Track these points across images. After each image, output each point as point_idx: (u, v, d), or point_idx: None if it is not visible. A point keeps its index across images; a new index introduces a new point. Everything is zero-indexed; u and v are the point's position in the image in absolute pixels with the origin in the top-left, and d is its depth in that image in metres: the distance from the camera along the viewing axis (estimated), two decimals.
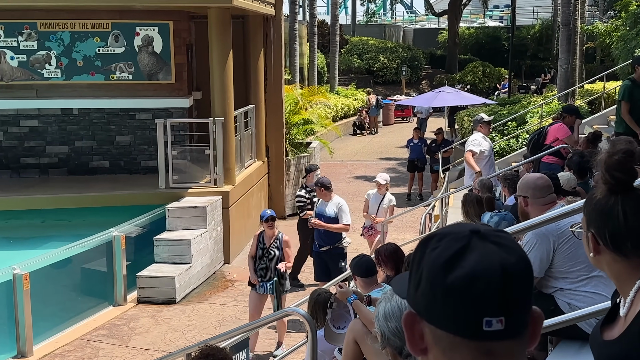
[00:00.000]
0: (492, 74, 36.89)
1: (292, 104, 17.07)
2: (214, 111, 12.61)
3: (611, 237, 1.96)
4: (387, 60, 37.05)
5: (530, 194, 4.45)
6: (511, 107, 20.14)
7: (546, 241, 4.15)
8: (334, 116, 26.83)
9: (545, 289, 4.30)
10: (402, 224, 14.60)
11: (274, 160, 15.83)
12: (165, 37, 13.43)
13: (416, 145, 17.71)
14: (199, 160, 13.17)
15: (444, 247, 1.19)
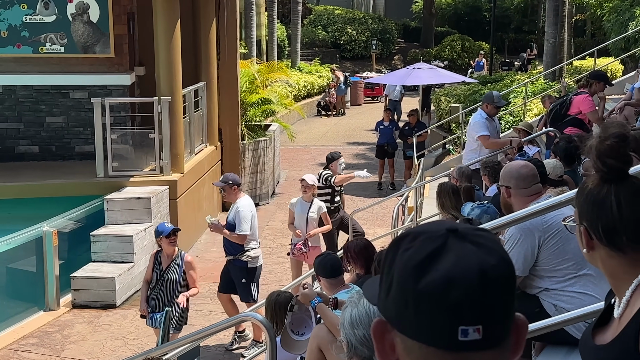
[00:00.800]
0: (472, 48, 37.17)
1: (249, 81, 16.98)
2: (159, 89, 12.47)
3: (605, 230, 1.98)
4: (356, 32, 37.06)
5: (513, 184, 4.49)
6: (493, 86, 20.34)
7: (531, 236, 4.20)
8: (296, 95, 26.79)
9: (530, 289, 4.35)
10: (372, 216, 14.68)
11: (228, 144, 15.75)
12: (103, 4, 13.21)
13: (386, 129, 17.77)
14: (142, 145, 13.03)
15: (417, 248, 1.19)
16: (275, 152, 17.68)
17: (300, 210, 10.08)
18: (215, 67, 15.28)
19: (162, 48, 12.42)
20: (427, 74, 19.71)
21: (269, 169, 16.95)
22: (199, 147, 14.50)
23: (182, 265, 7.99)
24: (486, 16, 39.17)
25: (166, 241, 7.92)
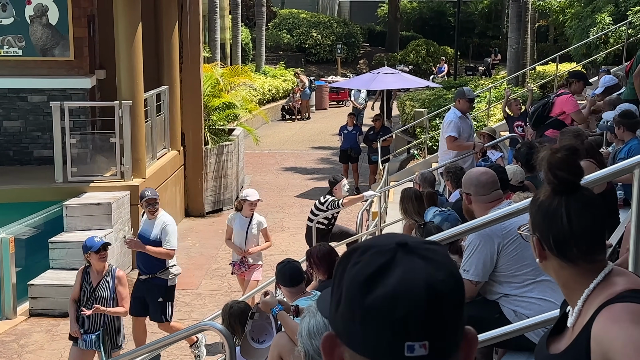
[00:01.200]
0: (436, 53, 37.47)
1: (212, 85, 16.91)
2: (120, 93, 12.36)
3: (555, 242, 2.02)
4: (321, 36, 37.17)
5: (473, 191, 4.54)
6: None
7: (490, 242, 4.25)
8: (261, 99, 26.76)
9: (490, 294, 4.40)
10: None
11: (191, 149, 15.66)
12: (63, 6, 13.05)
13: (350, 133, 17.83)
14: (103, 149, 12.90)
15: (366, 262, 1.18)
16: (239, 157, 17.62)
17: (239, 227, 9.49)
18: (178, 71, 15.18)
19: (123, 51, 12.31)
20: (392, 79, 19.81)
21: (233, 174, 16.90)
22: (161, 151, 14.39)
23: (113, 281, 7.54)
24: (450, 21, 39.57)
25: (95, 257, 7.43)
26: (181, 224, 15.11)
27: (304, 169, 20.38)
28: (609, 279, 2.01)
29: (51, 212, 11.37)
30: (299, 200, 17.12)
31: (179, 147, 15.39)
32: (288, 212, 16.17)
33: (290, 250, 13.44)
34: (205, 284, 11.93)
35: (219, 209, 16.26)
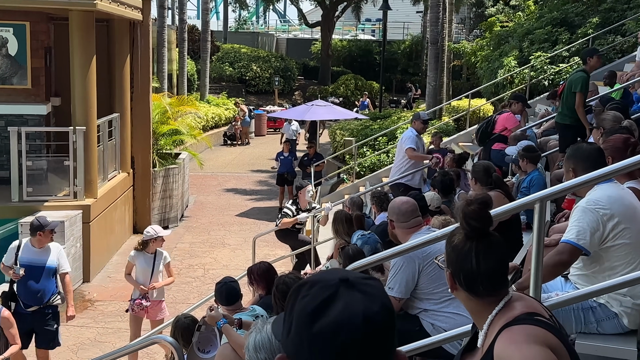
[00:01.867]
0: (364, 87, 37.98)
1: (161, 113, 16.78)
2: (74, 119, 12.17)
3: (465, 279, 2.16)
4: (260, 69, 37.25)
5: (396, 219, 4.66)
6: (382, 122, 20.86)
7: (412, 263, 4.36)
8: (205, 126, 26.61)
9: (411, 309, 4.50)
10: (273, 239, 14.67)
11: (140, 171, 15.48)
12: (22, 38, 12.82)
13: (286, 159, 17.93)
14: (57, 171, 12.64)
15: (313, 295, 1.27)
16: (184, 179, 17.49)
17: (144, 263, 8.46)
18: (129, 100, 15.03)
19: (78, 81, 12.13)
20: (324, 110, 19.98)
21: (178, 194, 16.76)
22: (112, 173, 14.18)
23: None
24: (376, 59, 40.11)
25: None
26: (129, 240, 14.89)
27: (244, 190, 20.34)
28: (509, 305, 2.14)
29: (7, 229, 11.10)
30: (239, 219, 17.09)
31: (129, 170, 15.19)
32: (229, 230, 16.12)
33: (230, 264, 13.40)
34: None
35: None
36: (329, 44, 40.62)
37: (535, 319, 2.07)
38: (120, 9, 13.15)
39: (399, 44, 43.10)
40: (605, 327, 3.59)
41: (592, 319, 3.58)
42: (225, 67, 36.85)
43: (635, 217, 3.49)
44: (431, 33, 21.91)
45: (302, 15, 44.28)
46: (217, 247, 14.73)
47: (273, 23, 60.02)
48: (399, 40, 44.07)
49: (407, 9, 43.34)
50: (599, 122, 6.45)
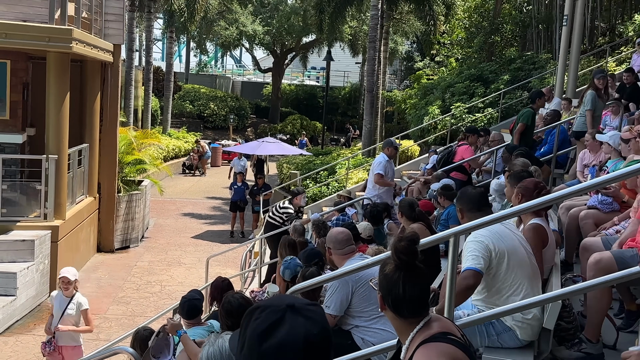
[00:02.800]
0: (308, 126, 38.30)
1: (126, 144, 16.57)
2: (47, 148, 11.94)
3: (393, 303, 2.27)
4: (217, 107, 37.15)
5: (332, 246, 4.76)
6: (324, 158, 21.06)
7: (346, 285, 4.46)
8: (166, 156, 26.33)
9: (344, 325, 4.58)
10: (224, 259, 14.63)
11: (106, 196, 15.21)
12: (2, 75, 12.55)
13: (239, 188, 17.92)
14: (30, 194, 12.33)
15: (263, 319, 1.36)
16: (145, 203, 17.25)
17: (58, 305, 7.26)
18: (98, 132, 14.82)
19: (53, 114, 11.94)
20: (274, 146, 20.08)
21: (140, 217, 16.51)
22: (79, 197, 13.91)
23: None
24: (320, 102, 40.50)
25: None
26: (93, 259, 14.60)
27: (199, 215, 20.16)
28: (428, 324, 2.26)
29: None
30: (194, 241, 16.92)
31: (95, 194, 14.92)
32: (185, 250, 15.94)
33: (186, 282, 13.23)
34: (112, 309, 11.55)
35: (126, 246, 15.82)
36: (278, 88, 40.89)
37: (448, 338, 2.18)
38: (93, 52, 13.03)
39: (339, 90, 43.66)
40: (505, 339, 3.74)
41: (493, 332, 3.73)
42: (186, 105, 36.63)
43: (513, 249, 3.69)
44: (368, 82, 22.38)
45: (256, 61, 44.52)
46: (174, 265, 14.55)
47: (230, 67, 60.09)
48: (340, 87, 44.66)
49: (348, 60, 44.04)
50: (510, 167, 6.73)
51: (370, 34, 21.97)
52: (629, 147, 5.81)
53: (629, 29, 17.98)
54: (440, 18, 24.26)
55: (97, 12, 14.07)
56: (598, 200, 5.50)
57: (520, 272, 3.66)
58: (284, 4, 38.41)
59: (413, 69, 33.24)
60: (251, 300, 4.77)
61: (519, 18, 22.40)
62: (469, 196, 3.97)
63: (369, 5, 22.62)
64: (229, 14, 37.07)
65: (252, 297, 6.44)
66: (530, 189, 4.43)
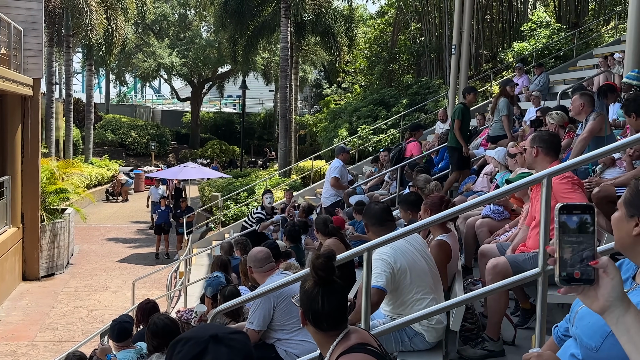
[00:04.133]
0: (227, 150, 37.90)
1: (48, 174, 15.75)
2: None
3: (313, 317, 2.22)
4: (138, 135, 36.08)
5: (253, 265, 4.67)
6: (243, 180, 20.88)
7: (268, 301, 4.38)
8: (89, 184, 25.24)
9: (268, 339, 4.49)
10: (151, 280, 14.13)
11: (30, 226, 14.37)
12: None
13: (163, 212, 17.42)
14: None
15: (186, 351, 1.27)
16: (70, 231, 16.43)
17: None
18: (19, 163, 14.01)
19: None
20: (195, 171, 19.70)
21: (64, 245, 15.69)
22: (3, 228, 13.06)
23: None
24: (237, 127, 40.23)
25: None
26: (19, 287, 13.73)
27: (124, 239, 19.42)
28: (346, 336, 2.23)
29: None
30: (119, 264, 16.25)
31: (19, 224, 14.07)
32: (111, 275, 15.27)
33: (112, 305, 12.68)
34: (40, 336, 10.87)
35: (52, 274, 14.98)
36: (197, 115, 40.29)
37: (365, 348, 2.17)
38: (12, 87, 12.37)
39: (255, 116, 43.58)
40: (416, 343, 3.78)
41: (405, 338, 3.77)
42: (107, 134, 35.37)
43: (414, 263, 3.76)
44: (281, 108, 22.43)
45: (174, 91, 43.72)
46: (100, 290, 13.90)
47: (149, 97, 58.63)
48: (256, 113, 44.58)
49: (262, 88, 44.05)
50: (414, 182, 6.88)
51: (282, 64, 22.08)
52: (515, 161, 6.08)
53: (509, 56, 18.99)
54: (344, 49, 24.73)
55: (15, 48, 13.37)
56: (491, 209, 5.71)
57: (422, 283, 3.73)
58: (199, 38, 37.97)
59: (322, 95, 33.67)
60: (176, 321, 4.62)
61: (413, 48, 23.19)
62: (372, 212, 4.02)
63: (279, 37, 22.75)
64: (147, 47, 36.25)
65: (179, 317, 6.24)
66: (437, 203, 4.54)
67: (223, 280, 6.44)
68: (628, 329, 1.30)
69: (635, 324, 1.29)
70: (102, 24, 24.55)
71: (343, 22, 24.44)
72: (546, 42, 17.94)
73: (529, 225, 4.16)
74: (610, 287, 1.32)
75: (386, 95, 20.18)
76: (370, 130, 18.26)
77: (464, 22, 14.15)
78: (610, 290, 1.32)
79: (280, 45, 22.69)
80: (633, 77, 7.75)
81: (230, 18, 23.58)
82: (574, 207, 1.39)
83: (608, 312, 1.32)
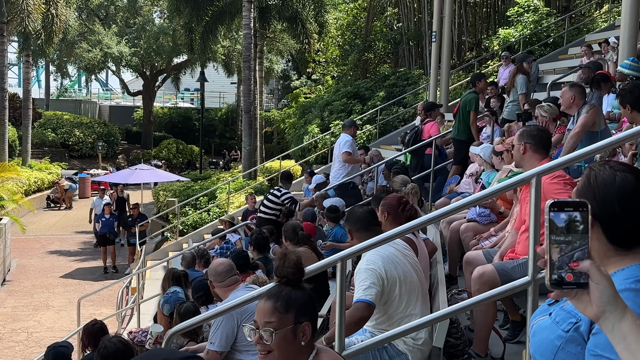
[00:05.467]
0: (185, 150, 37.63)
1: None
2: None
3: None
4: (83, 135, 35.54)
5: (213, 279, 4.64)
6: (203, 183, 20.75)
7: (231, 319, 4.34)
8: (27, 190, 24.78)
9: None
10: (99, 298, 13.94)
11: None
12: None
13: (108, 220, 17.18)
14: None
15: None
16: (6, 243, 16.10)
17: None
18: None
19: None
20: (148, 174, 19.50)
21: (0, 259, 15.37)
22: None
23: None
24: (196, 124, 39.96)
25: None
26: None
27: (68, 252, 19.11)
28: (317, 356, 2.22)
29: None
30: (63, 280, 15.99)
31: None
32: (53, 292, 15.01)
33: (56, 327, 12.47)
34: None
35: None
36: (150, 111, 39.90)
37: None
38: None
39: (216, 111, 43.35)
40: None
41: (386, 357, 3.77)
42: (47, 133, 34.75)
43: (405, 275, 3.77)
44: (244, 103, 22.38)
45: (124, 84, 43.22)
46: (41, 309, 13.65)
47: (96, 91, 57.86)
48: (216, 108, 44.35)
49: (223, 80, 43.84)
50: (391, 184, 6.91)
51: (244, 53, 22.01)
52: (500, 159, 6.15)
53: (494, 43, 19.25)
54: (313, 36, 24.78)
55: None
56: (476, 212, 5.76)
57: (412, 297, 3.73)
58: (151, 24, 37.61)
59: (290, 88, 33.68)
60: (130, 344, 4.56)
61: (390, 35, 23.36)
62: (357, 216, 4.00)
63: (241, 24, 22.67)
64: (92, 35, 35.74)
65: (131, 339, 6.16)
66: (394, 205, 4.51)
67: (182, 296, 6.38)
68: (624, 337, 1.31)
69: (632, 331, 1.31)
70: (41, 9, 24.17)
71: (312, 6, 24.48)
72: (534, 28, 18.25)
73: (518, 229, 4.21)
74: (598, 293, 1.34)
75: (361, 88, 20.28)
76: None
77: (445, 7, 14.30)
78: (599, 296, 1.34)
79: (242, 33, 22.62)
80: (628, 66, 7.92)
81: (185, 2, 23.43)
82: (565, 203, 1.41)
83: (602, 318, 1.34)
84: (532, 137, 4.02)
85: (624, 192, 1.54)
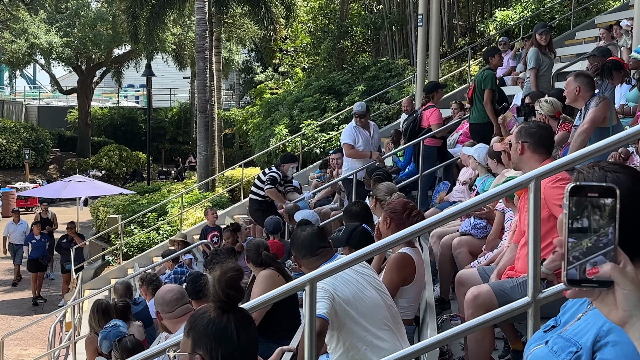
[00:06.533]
0: (129, 158, 37.38)
1: None
2: None
3: (224, 356, 2.16)
4: (7, 141, 35.11)
5: (160, 309, 4.61)
6: (151, 196, 20.62)
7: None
8: None
9: None
10: (27, 336, 13.75)
11: None
12: None
13: (39, 242, 16.99)
14: None
15: None
16: None
17: None
18: None
19: None
20: (84, 186, 19.33)
21: None
22: None
23: None
24: (142, 127, 39.73)
25: None
26: None
27: None
28: None
29: None
30: None
31: None
32: None
33: None
34: None
35: None
36: (87, 112, 39.58)
37: None
38: None
39: (166, 111, 43.16)
40: None
41: None
42: None
43: (360, 293, 3.81)
44: (199, 100, 22.33)
45: (55, 81, 42.81)
46: None
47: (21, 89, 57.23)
48: (166, 108, 44.15)
49: (174, 75, 43.68)
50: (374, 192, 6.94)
51: (198, 42, 21.98)
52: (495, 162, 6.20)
53: (490, 27, 19.48)
54: (280, 21, 24.83)
55: None
56: (471, 224, 5.81)
57: (375, 319, 3.76)
58: (87, 9, 37.36)
59: (253, 82, 33.66)
60: None
61: (369, 19, 23.50)
62: (300, 240, 4.05)
63: (194, 8, 22.64)
64: (15, 22, 35.41)
65: None
66: (399, 210, 4.57)
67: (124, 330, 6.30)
68: None
69: None
70: None
71: None
72: (536, 8, 18.51)
73: (518, 242, 4.26)
74: (623, 296, 1.35)
75: (336, 81, 20.35)
76: (317, 126, 18.36)
77: None
78: (623, 299, 1.35)
79: (195, 18, 22.59)
80: None
81: None
82: (589, 188, 1.41)
83: (629, 324, 1.35)
84: (531, 135, 4.07)
85: None
